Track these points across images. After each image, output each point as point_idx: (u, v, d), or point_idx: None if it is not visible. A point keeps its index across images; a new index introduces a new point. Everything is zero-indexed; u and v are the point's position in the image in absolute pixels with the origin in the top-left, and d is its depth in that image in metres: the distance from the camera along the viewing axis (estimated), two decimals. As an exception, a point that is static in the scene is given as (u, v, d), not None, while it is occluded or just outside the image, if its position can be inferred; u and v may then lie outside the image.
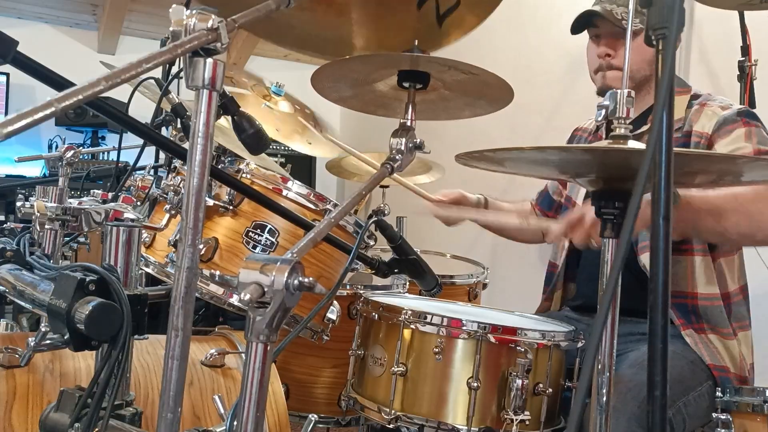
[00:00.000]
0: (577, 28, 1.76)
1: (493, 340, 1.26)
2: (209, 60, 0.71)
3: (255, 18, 0.80)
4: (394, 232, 1.30)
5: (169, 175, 1.37)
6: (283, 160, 3.61)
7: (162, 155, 1.91)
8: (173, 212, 1.33)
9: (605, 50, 1.69)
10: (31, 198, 1.37)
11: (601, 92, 1.70)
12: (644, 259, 1.56)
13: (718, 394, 1.24)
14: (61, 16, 4.28)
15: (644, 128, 1.63)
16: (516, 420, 1.23)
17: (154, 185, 1.43)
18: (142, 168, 1.82)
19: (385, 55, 1.18)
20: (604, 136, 1.72)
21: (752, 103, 1.99)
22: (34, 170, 3.83)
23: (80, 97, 0.57)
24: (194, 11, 0.70)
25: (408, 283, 1.74)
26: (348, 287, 1.61)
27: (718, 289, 1.58)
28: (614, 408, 1.30)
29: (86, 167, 2.62)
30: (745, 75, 2.01)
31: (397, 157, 1.12)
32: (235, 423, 0.69)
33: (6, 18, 4.18)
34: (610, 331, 0.94)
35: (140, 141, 1.55)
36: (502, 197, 3.03)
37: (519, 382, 1.23)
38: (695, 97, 1.66)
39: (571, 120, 1.99)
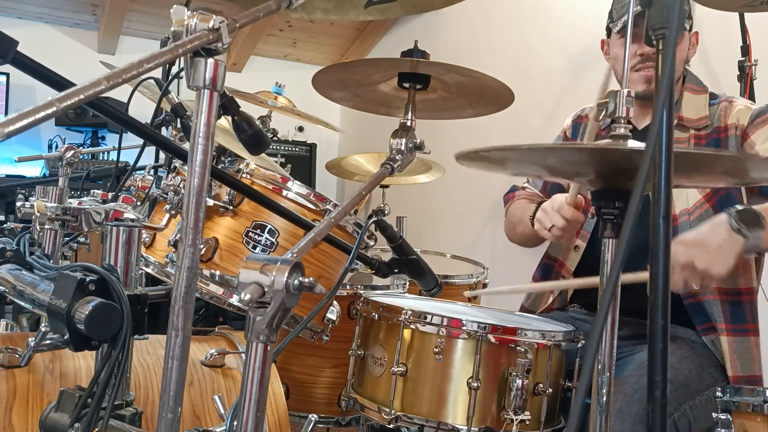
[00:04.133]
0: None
1: (493, 340, 1.26)
2: (210, 60, 0.71)
3: (255, 18, 0.80)
4: (394, 232, 1.29)
5: (169, 175, 1.37)
6: (283, 160, 3.61)
7: (162, 155, 1.90)
8: (173, 212, 1.33)
9: (645, 50, 1.61)
10: (31, 198, 1.37)
11: (645, 94, 1.62)
12: None
13: (718, 394, 1.24)
14: (61, 16, 4.28)
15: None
16: (516, 420, 1.23)
17: (154, 185, 1.43)
18: (142, 168, 1.82)
19: (386, 59, 1.19)
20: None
21: (752, 104, 1.99)
22: (34, 170, 3.83)
23: (81, 96, 0.57)
24: (195, 11, 0.70)
25: (408, 283, 1.74)
26: (348, 287, 1.61)
27: (753, 284, 1.58)
28: (620, 410, 1.30)
29: (86, 167, 2.62)
30: (745, 75, 2.01)
31: (397, 157, 1.13)
32: (235, 423, 0.69)
33: (6, 18, 4.17)
34: (610, 331, 0.94)
35: (140, 141, 1.55)
36: (501, 197, 3.03)
37: (519, 382, 1.23)
38: (713, 96, 1.67)
39: (571, 120, 1.98)
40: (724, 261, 1.29)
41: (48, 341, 1.02)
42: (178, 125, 1.38)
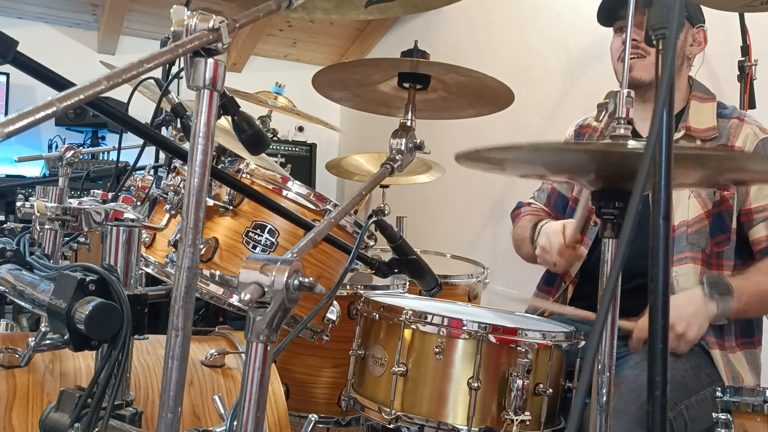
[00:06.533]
0: (606, 19, 1.71)
1: (493, 340, 1.26)
2: (210, 60, 0.71)
3: (255, 18, 0.80)
4: (394, 232, 1.29)
5: (169, 175, 1.37)
6: (283, 160, 3.61)
7: (162, 155, 1.90)
8: (173, 212, 1.33)
9: (633, 36, 1.65)
10: (31, 198, 1.37)
11: (629, 82, 1.66)
12: (673, 269, 1.57)
13: (718, 394, 1.24)
14: (61, 16, 4.28)
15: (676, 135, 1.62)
16: (516, 420, 1.23)
17: (154, 185, 1.43)
18: (142, 168, 1.82)
19: (386, 59, 1.19)
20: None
21: (752, 103, 1.99)
22: (34, 170, 3.83)
23: (81, 96, 0.57)
24: (195, 11, 0.70)
25: (408, 283, 1.74)
26: (348, 287, 1.61)
27: None
28: (616, 409, 1.30)
29: (86, 167, 2.62)
30: (745, 75, 2.01)
31: (397, 157, 1.13)
32: (235, 423, 0.69)
33: (6, 18, 4.17)
34: (610, 331, 0.94)
35: (140, 141, 1.55)
36: (503, 196, 3.02)
37: (519, 382, 1.23)
38: (722, 105, 1.66)
39: (570, 120, 1.99)
40: (698, 326, 1.44)
41: (48, 341, 1.02)
42: (178, 125, 1.38)
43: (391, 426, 1.30)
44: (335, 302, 1.40)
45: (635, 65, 1.63)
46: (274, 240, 1.29)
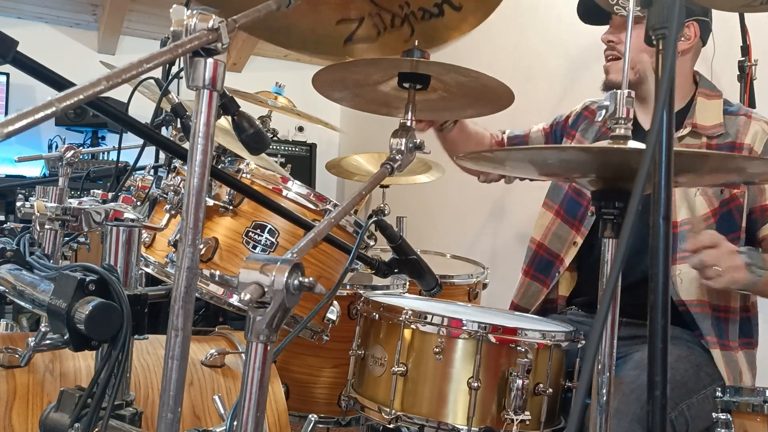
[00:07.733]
0: (589, 19, 1.73)
1: (493, 340, 1.26)
2: (210, 60, 0.71)
3: (255, 18, 0.80)
4: (394, 232, 1.29)
5: (169, 175, 1.37)
6: (283, 160, 3.61)
7: (162, 155, 1.91)
8: (173, 212, 1.33)
9: (608, 37, 1.66)
10: (31, 198, 1.37)
11: (606, 84, 1.66)
12: (677, 267, 1.56)
13: (718, 394, 1.24)
14: (61, 16, 4.28)
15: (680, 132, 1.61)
16: (516, 420, 1.23)
17: (154, 185, 1.43)
18: (142, 168, 1.82)
19: (386, 59, 1.19)
20: None
21: (752, 103, 1.99)
22: (34, 170, 3.83)
23: (81, 96, 0.57)
24: (195, 11, 0.70)
25: (408, 283, 1.74)
26: (348, 287, 1.61)
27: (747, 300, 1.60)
28: (617, 409, 1.30)
29: (86, 167, 2.62)
30: (745, 75, 2.01)
31: (397, 157, 1.12)
32: (235, 423, 0.69)
33: (6, 18, 4.18)
34: (610, 331, 0.94)
35: (140, 141, 1.55)
36: (503, 196, 3.02)
37: (519, 382, 1.23)
38: (728, 103, 1.66)
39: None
40: (732, 274, 1.36)
41: (48, 341, 1.02)
42: (178, 125, 1.38)
43: (391, 426, 1.30)
44: (335, 302, 1.40)
45: (611, 68, 1.64)
46: (274, 240, 1.29)
